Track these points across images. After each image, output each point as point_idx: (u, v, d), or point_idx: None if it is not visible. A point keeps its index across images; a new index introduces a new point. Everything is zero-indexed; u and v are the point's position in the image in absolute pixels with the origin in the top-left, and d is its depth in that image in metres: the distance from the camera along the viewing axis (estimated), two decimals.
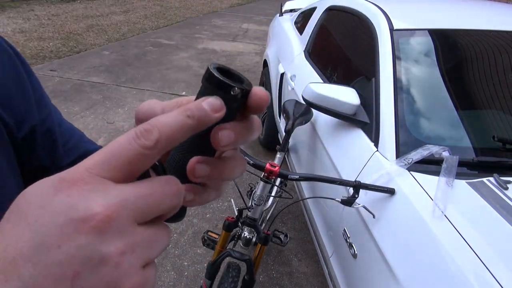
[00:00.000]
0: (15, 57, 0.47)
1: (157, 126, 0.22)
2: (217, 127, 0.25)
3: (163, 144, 0.22)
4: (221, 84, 0.24)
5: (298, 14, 3.31)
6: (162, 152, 0.22)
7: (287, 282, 2.04)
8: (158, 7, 10.11)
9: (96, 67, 5.12)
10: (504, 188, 1.09)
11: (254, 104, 0.26)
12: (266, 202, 1.79)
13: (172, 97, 4.29)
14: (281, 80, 2.72)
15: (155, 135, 0.22)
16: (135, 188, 0.22)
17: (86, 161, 0.21)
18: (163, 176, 0.24)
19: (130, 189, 0.21)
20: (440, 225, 1.00)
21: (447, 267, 0.92)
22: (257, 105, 0.26)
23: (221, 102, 0.24)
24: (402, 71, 1.52)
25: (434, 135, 1.34)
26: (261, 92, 0.26)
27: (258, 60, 5.95)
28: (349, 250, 1.30)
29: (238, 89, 0.24)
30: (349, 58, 2.07)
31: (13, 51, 0.48)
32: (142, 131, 0.22)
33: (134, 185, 0.22)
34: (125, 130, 3.46)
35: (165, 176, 0.24)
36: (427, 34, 1.68)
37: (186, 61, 5.61)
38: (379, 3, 1.98)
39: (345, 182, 1.16)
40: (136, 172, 0.22)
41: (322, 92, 1.51)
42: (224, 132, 0.25)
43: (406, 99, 1.43)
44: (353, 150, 1.48)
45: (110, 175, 0.21)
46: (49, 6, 8.98)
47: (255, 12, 10.57)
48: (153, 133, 0.22)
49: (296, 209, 2.60)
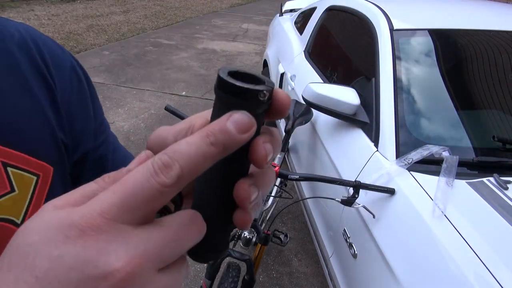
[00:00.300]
0: (84, 81, 0.47)
1: (177, 160, 0.19)
2: (256, 142, 0.21)
3: (186, 179, 0.19)
4: (242, 91, 0.20)
5: (298, 14, 3.31)
6: (183, 187, 0.19)
7: (287, 282, 2.04)
8: (158, 7, 10.11)
9: (96, 67, 5.12)
10: (504, 188, 1.09)
11: (276, 109, 0.22)
12: (266, 202, 1.79)
13: (172, 97, 4.30)
14: (281, 80, 2.72)
15: (176, 170, 0.19)
16: (157, 233, 0.19)
17: (99, 202, 0.19)
18: (186, 213, 0.21)
19: (151, 235, 0.19)
20: (440, 225, 1.00)
21: (447, 267, 0.92)
22: (279, 110, 0.22)
23: (249, 118, 0.20)
24: (402, 71, 1.52)
25: (434, 135, 1.35)
26: (283, 95, 0.22)
27: (258, 60, 5.95)
28: (349, 250, 1.30)
29: (266, 91, 0.20)
30: (349, 58, 2.07)
31: (84, 74, 0.47)
32: (161, 165, 0.19)
33: (155, 229, 0.19)
34: (125, 130, 3.46)
35: (188, 213, 0.21)
36: (427, 34, 1.68)
37: (186, 61, 5.61)
38: (379, 3, 1.98)
39: (345, 182, 1.16)
40: (155, 210, 0.20)
41: (322, 92, 1.51)
42: (267, 146, 0.21)
43: (406, 99, 1.43)
44: (353, 150, 1.48)
45: (127, 219, 0.18)
46: (49, 6, 8.98)
47: (255, 12, 10.57)
48: (173, 168, 0.19)
49: (296, 209, 2.60)
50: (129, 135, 3.41)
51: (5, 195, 0.35)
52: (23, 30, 0.42)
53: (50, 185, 0.39)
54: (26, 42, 0.41)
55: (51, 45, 0.44)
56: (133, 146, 3.23)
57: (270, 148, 0.21)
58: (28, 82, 0.39)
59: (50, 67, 0.42)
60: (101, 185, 0.21)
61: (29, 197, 0.37)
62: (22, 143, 0.37)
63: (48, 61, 0.42)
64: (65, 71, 0.44)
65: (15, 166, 0.36)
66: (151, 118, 3.75)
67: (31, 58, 0.40)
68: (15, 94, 0.38)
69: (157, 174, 0.18)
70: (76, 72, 0.46)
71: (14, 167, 0.36)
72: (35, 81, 0.40)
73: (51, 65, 0.42)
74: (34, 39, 0.42)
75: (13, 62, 0.39)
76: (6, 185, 0.35)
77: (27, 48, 0.40)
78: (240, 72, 0.22)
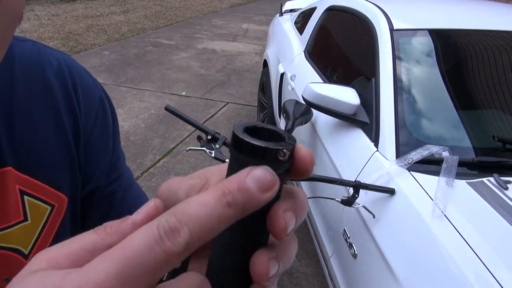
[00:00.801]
0: (110, 115, 0.47)
1: (186, 223, 0.16)
2: (275, 210, 0.18)
3: (195, 245, 0.16)
4: (260, 150, 0.18)
5: (298, 14, 3.31)
6: (191, 252, 0.17)
7: (287, 282, 2.04)
8: (158, 7, 10.11)
9: (96, 67, 5.12)
10: (504, 188, 1.09)
11: (299, 168, 0.19)
12: None
13: (172, 97, 4.30)
14: (281, 80, 2.72)
15: (184, 236, 0.16)
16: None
17: (95, 271, 0.16)
18: (195, 279, 0.18)
19: None
20: (440, 225, 1.00)
21: (447, 267, 0.92)
22: (302, 169, 0.19)
23: (272, 174, 0.17)
24: (402, 71, 1.52)
25: (434, 135, 1.35)
26: (306, 153, 0.19)
27: (258, 60, 5.95)
28: (349, 250, 1.30)
29: (287, 150, 0.18)
30: (349, 58, 2.07)
31: (110, 108, 0.47)
32: (167, 230, 0.16)
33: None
34: (125, 130, 3.46)
35: (196, 280, 0.18)
36: (427, 34, 1.68)
37: (186, 61, 5.61)
38: (379, 3, 1.98)
39: (345, 182, 1.16)
40: (159, 278, 0.17)
41: (322, 92, 1.51)
42: (288, 215, 0.18)
43: (406, 99, 1.43)
44: (353, 150, 1.48)
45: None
46: (49, 6, 8.98)
47: (255, 12, 10.57)
48: (182, 233, 0.16)
49: None
50: (129, 135, 3.41)
51: (18, 223, 0.35)
52: (61, 58, 0.42)
53: (63, 216, 0.39)
54: (63, 72, 0.41)
55: (85, 76, 0.45)
56: (133, 146, 3.23)
57: (291, 217, 0.18)
58: (60, 116, 0.39)
59: (80, 98, 0.42)
60: (102, 236, 0.19)
61: (41, 227, 0.37)
62: (43, 173, 0.37)
63: (79, 92, 0.42)
64: (93, 102, 0.44)
65: (31, 195, 0.36)
66: (151, 118, 3.75)
67: (65, 89, 0.41)
68: (47, 126, 0.38)
69: (163, 240, 0.16)
70: (103, 105, 0.46)
71: (31, 196, 0.35)
72: (66, 114, 0.40)
73: (81, 96, 0.42)
74: (70, 69, 0.42)
75: (49, 92, 0.39)
76: (20, 214, 0.35)
77: (63, 78, 0.41)
78: (258, 127, 0.20)
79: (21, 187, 0.35)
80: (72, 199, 0.40)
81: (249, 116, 3.98)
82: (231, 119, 3.90)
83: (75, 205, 0.41)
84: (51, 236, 0.37)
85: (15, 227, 0.35)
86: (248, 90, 4.70)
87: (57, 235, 0.38)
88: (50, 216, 0.37)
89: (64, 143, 0.39)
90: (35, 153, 0.37)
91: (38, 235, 0.36)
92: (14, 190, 0.34)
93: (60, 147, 0.39)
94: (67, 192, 0.39)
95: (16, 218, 0.35)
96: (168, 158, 3.10)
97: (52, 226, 0.38)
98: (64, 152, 0.39)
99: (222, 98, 4.40)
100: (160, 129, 3.55)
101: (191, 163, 3.04)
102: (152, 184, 2.74)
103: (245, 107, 4.20)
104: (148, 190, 2.67)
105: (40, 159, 0.37)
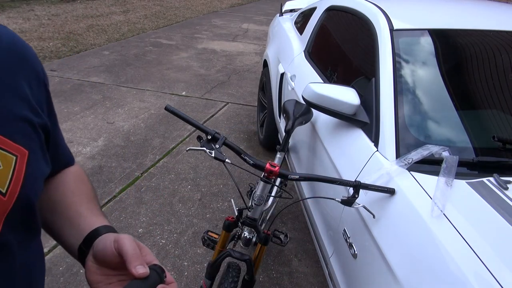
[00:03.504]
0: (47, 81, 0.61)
1: None
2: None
3: None
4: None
5: (298, 14, 3.31)
6: None
7: (287, 282, 2.04)
8: (158, 7, 10.10)
9: (96, 67, 5.12)
10: (504, 188, 1.09)
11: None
12: (266, 202, 1.79)
13: (172, 97, 4.30)
14: (281, 80, 2.72)
15: None
16: None
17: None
18: None
19: None
20: (440, 225, 1.00)
21: (447, 267, 0.92)
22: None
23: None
24: (402, 71, 1.52)
25: (434, 135, 1.34)
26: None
27: (258, 60, 5.95)
28: (349, 250, 1.30)
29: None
30: (349, 58, 2.07)
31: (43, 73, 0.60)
32: None
33: None
34: (125, 130, 3.46)
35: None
36: (427, 34, 1.68)
37: (186, 61, 5.61)
38: (379, 3, 1.98)
39: (345, 182, 1.16)
40: None
41: (322, 92, 1.51)
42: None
43: (406, 99, 1.43)
44: (353, 150, 1.48)
45: None
46: (49, 6, 8.98)
47: (255, 12, 10.57)
48: None
49: (296, 209, 2.60)
50: (129, 135, 3.41)
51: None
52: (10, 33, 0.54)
53: (27, 163, 0.49)
54: (15, 46, 0.53)
55: (31, 49, 0.57)
56: (133, 146, 3.23)
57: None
58: (21, 86, 0.51)
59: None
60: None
61: (11, 172, 0.46)
62: (4, 127, 0.46)
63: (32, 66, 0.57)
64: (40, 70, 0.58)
65: (0, 148, 0.45)
66: (151, 118, 3.75)
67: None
68: (10, 96, 0.49)
69: None
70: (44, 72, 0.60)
71: (0, 149, 0.45)
72: (26, 84, 0.52)
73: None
74: (24, 46, 0.55)
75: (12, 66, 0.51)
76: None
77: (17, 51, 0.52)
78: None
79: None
80: (32, 150, 0.50)
81: (249, 116, 3.98)
82: (231, 119, 3.90)
83: (36, 154, 0.51)
84: (20, 178, 0.47)
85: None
86: (248, 90, 4.70)
87: (26, 176, 0.48)
88: (17, 163, 0.47)
89: (23, 106, 0.50)
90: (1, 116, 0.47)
91: (11, 178, 0.46)
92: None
93: (19, 112, 0.49)
94: (27, 146, 0.49)
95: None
96: (168, 158, 3.10)
97: (20, 171, 0.47)
98: (23, 113, 0.50)
99: (222, 98, 4.40)
100: (160, 129, 3.54)
101: (191, 163, 3.04)
102: (152, 184, 2.74)
103: (245, 107, 4.20)
104: (148, 190, 2.67)
105: (3, 119, 0.47)
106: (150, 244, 2.21)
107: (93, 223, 0.60)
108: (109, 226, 0.60)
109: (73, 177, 0.68)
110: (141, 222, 2.38)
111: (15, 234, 0.48)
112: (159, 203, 2.56)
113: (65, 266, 2.02)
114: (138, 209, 2.50)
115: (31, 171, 0.49)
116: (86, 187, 0.69)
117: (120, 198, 2.59)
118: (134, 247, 0.49)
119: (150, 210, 2.49)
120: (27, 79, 0.52)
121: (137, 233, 2.29)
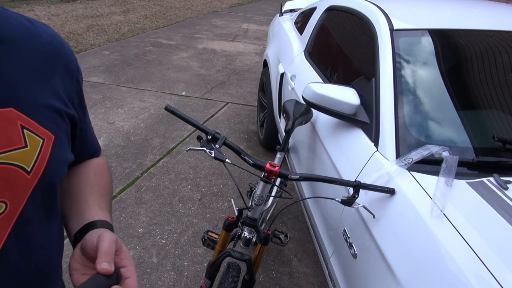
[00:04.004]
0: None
1: None
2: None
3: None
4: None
5: (298, 14, 3.31)
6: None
7: (287, 282, 2.04)
8: (158, 7, 10.10)
9: (96, 67, 5.12)
10: (504, 188, 1.09)
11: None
12: (266, 202, 1.79)
13: (172, 97, 4.30)
14: (281, 80, 2.72)
15: None
16: None
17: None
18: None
19: None
20: (440, 225, 1.00)
21: (447, 267, 0.92)
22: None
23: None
24: (402, 71, 1.52)
25: (434, 135, 1.34)
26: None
27: (258, 60, 5.95)
28: (349, 250, 1.30)
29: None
30: (349, 58, 2.07)
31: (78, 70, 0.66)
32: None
33: None
34: (125, 130, 3.46)
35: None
36: (427, 34, 1.68)
37: (186, 61, 5.61)
38: (379, 3, 1.98)
39: (345, 182, 1.16)
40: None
41: (322, 92, 1.51)
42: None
43: (406, 99, 1.43)
44: (353, 150, 1.48)
45: None
46: (49, 6, 8.98)
47: (255, 12, 10.57)
48: None
49: (296, 209, 2.60)
50: (129, 135, 3.41)
51: (20, 148, 0.48)
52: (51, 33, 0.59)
53: (52, 147, 0.52)
54: (51, 43, 0.58)
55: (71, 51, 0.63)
56: (133, 146, 3.23)
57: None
58: (55, 80, 0.56)
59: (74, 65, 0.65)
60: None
61: (37, 153, 0.50)
62: (35, 113, 0.50)
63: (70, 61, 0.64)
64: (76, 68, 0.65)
65: (29, 130, 0.49)
66: (151, 118, 3.75)
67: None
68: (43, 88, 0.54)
69: None
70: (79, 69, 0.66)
71: (28, 130, 0.49)
72: (59, 79, 0.57)
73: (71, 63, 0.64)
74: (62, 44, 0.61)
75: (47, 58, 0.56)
76: (22, 142, 0.48)
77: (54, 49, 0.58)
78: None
79: (21, 122, 0.48)
80: (58, 136, 0.54)
81: (249, 116, 3.98)
82: (231, 119, 3.90)
83: (62, 141, 0.55)
84: (45, 160, 0.51)
85: (19, 150, 0.48)
86: (248, 90, 4.70)
87: (50, 159, 0.52)
88: (43, 146, 0.51)
89: (54, 95, 0.55)
90: (32, 102, 0.51)
91: (36, 158, 0.50)
92: (16, 125, 0.48)
93: (49, 102, 0.54)
94: (54, 132, 0.53)
95: (19, 144, 0.48)
96: (168, 158, 3.10)
97: (45, 153, 0.51)
98: (53, 101, 0.54)
99: (222, 98, 4.40)
100: (160, 129, 3.54)
101: (191, 163, 3.04)
102: (152, 184, 2.74)
103: (245, 107, 4.20)
104: (148, 190, 2.67)
105: (35, 106, 0.51)
106: (150, 244, 2.21)
107: (95, 216, 0.62)
108: (107, 222, 0.62)
109: (94, 168, 0.72)
110: (141, 222, 2.38)
111: (37, 212, 0.52)
112: (159, 203, 2.56)
113: (65, 266, 2.01)
114: (138, 209, 2.50)
115: (55, 155, 0.53)
116: (103, 181, 0.72)
117: (120, 198, 2.59)
118: (109, 246, 0.52)
119: (150, 210, 2.49)
120: (61, 74, 0.57)
121: (137, 233, 2.29)
